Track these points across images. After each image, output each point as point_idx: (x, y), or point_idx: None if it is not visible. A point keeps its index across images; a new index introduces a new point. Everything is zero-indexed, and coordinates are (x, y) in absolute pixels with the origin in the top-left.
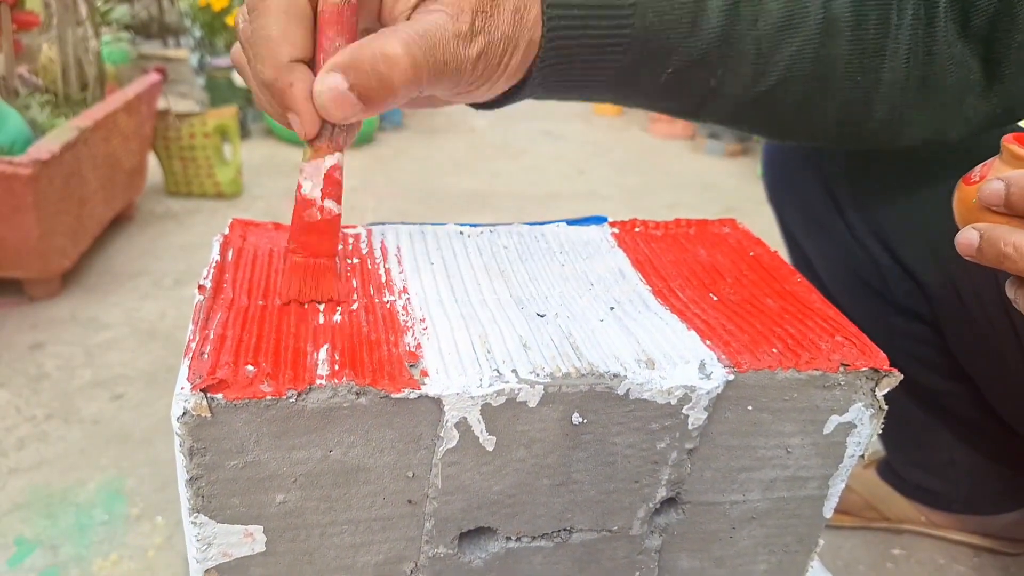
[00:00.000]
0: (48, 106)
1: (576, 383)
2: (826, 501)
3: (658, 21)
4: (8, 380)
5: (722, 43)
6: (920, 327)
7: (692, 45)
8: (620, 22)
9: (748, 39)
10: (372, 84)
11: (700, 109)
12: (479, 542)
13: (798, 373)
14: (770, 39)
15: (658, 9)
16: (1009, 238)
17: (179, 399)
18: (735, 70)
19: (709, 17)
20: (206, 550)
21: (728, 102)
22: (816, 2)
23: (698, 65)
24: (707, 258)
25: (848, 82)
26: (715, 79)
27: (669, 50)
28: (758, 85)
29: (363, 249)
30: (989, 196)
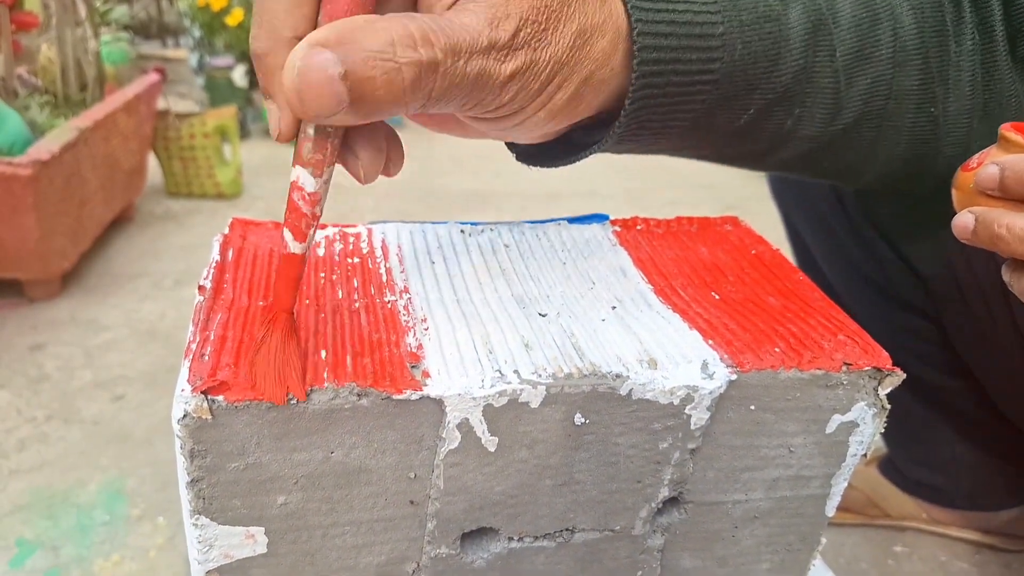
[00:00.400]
0: (47, 107)
1: (578, 383)
2: (828, 500)
3: (747, 54)
4: (8, 381)
5: (803, 78)
6: (922, 323)
7: (776, 80)
8: (709, 55)
9: (827, 72)
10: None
11: (768, 155)
12: (481, 542)
13: (801, 372)
14: (847, 72)
15: (746, 40)
16: (1003, 220)
17: (180, 401)
18: (812, 108)
19: (792, 48)
20: (207, 551)
21: (801, 144)
22: (887, 30)
23: (778, 103)
24: (709, 256)
25: (920, 115)
26: (792, 119)
27: (752, 87)
28: (835, 124)
29: (363, 248)
30: (984, 180)
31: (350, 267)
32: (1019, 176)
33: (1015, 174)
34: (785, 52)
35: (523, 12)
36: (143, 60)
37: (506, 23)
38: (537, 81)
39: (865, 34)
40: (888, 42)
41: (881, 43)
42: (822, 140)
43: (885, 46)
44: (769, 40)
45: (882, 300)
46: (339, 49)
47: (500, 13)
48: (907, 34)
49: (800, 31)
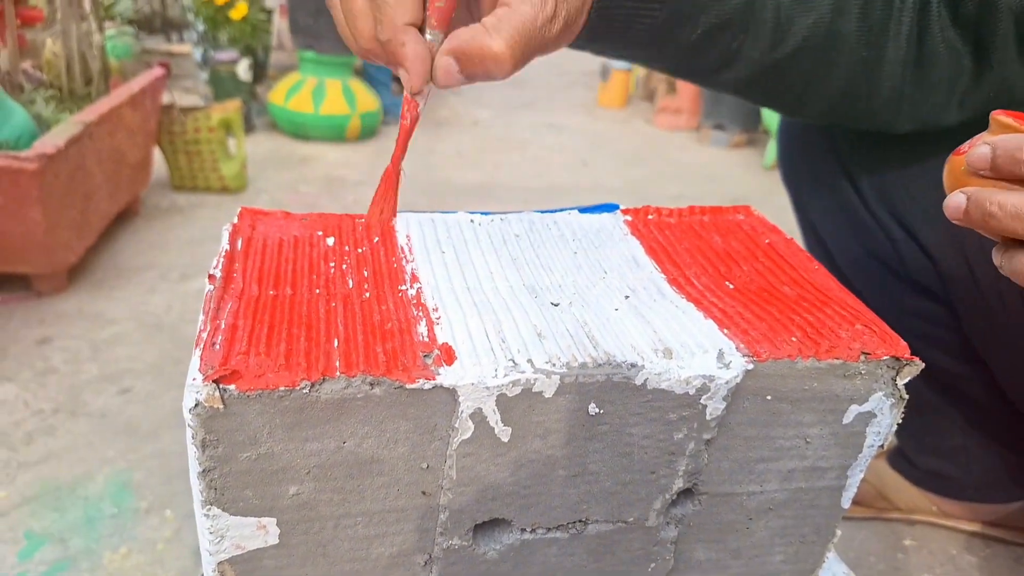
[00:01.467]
0: (53, 101)
1: (593, 373)
2: (844, 492)
3: None
4: (16, 374)
5: (746, 9)
6: (934, 307)
7: (720, 8)
8: None
9: (768, 8)
10: (478, 72)
11: (721, 71)
12: (494, 534)
13: (818, 362)
14: (788, 10)
15: None
16: (994, 197)
17: (191, 390)
18: (755, 36)
19: None
20: (219, 542)
21: (747, 66)
22: None
23: (724, 27)
24: (722, 245)
25: (854, 56)
26: (737, 42)
27: (700, 10)
28: (774, 52)
29: (375, 238)
30: (976, 160)
31: (360, 257)
32: (1010, 154)
33: (1006, 152)
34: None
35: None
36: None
37: (548, 3)
38: (572, 23)
39: None
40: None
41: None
42: (764, 64)
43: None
44: None
45: (893, 281)
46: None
47: None
48: None
49: None
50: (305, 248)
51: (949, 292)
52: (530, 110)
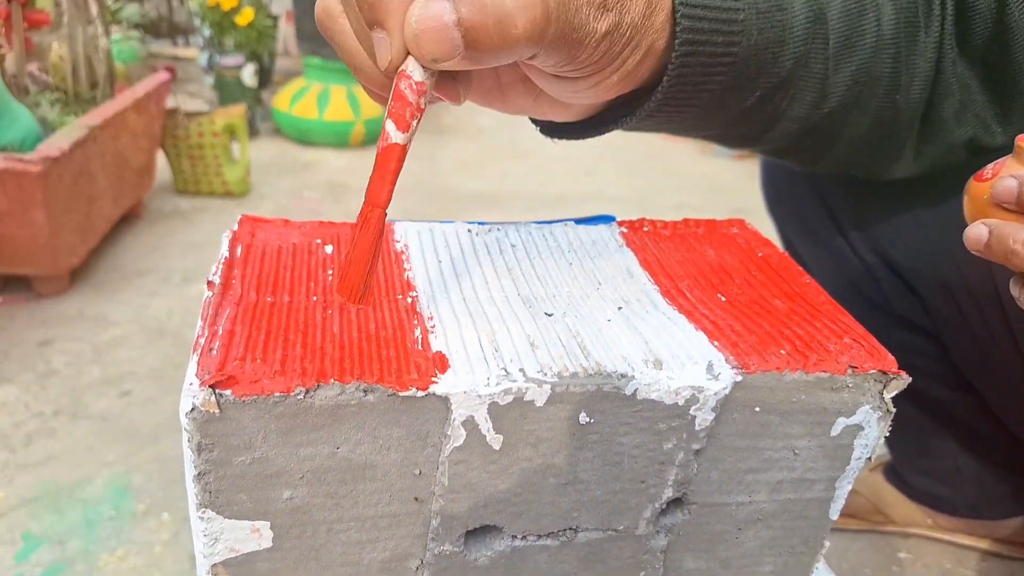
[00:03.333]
0: (58, 104)
1: (583, 383)
2: (832, 503)
3: (761, 40)
4: (17, 376)
5: (801, 64)
6: (921, 339)
7: (781, 66)
8: (732, 39)
9: (820, 59)
10: (488, 25)
11: (764, 134)
12: (485, 540)
13: (806, 375)
14: (835, 59)
15: (760, 27)
16: (1019, 235)
17: (188, 395)
18: (803, 91)
19: (795, 36)
20: (213, 545)
21: (789, 126)
22: (871, 20)
23: (780, 87)
24: (715, 258)
25: (886, 101)
26: (786, 101)
27: (761, 71)
28: (821, 107)
29: None
30: (1001, 193)
31: None
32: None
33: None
34: (790, 40)
35: None
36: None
37: None
38: (620, 42)
39: (853, 24)
40: (872, 31)
41: (866, 32)
42: (809, 123)
43: (869, 35)
44: (779, 28)
45: (879, 317)
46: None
47: None
48: (886, 23)
49: (802, 20)
50: (304, 256)
51: (936, 325)
52: None
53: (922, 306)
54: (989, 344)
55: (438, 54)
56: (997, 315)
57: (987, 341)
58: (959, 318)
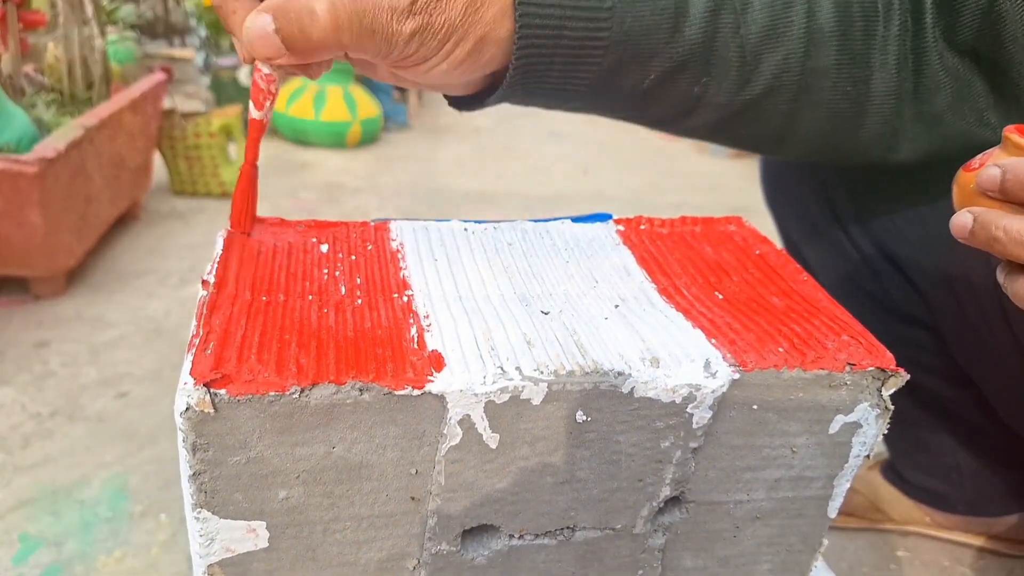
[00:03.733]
0: (54, 105)
1: (580, 381)
2: (831, 501)
3: (638, 25)
4: (13, 378)
5: (704, 49)
6: (921, 333)
7: (673, 50)
8: (598, 25)
9: (731, 46)
10: (294, 32)
11: (685, 118)
12: (482, 539)
13: (804, 372)
14: (753, 48)
15: (637, 14)
16: (1000, 222)
17: (182, 394)
18: (719, 78)
19: (691, 23)
20: (209, 545)
21: (713, 111)
22: (799, 12)
23: (680, 71)
24: (713, 256)
25: (836, 93)
26: (699, 87)
27: (650, 55)
28: (743, 94)
29: (367, 245)
30: (985, 181)
31: (353, 264)
32: (1020, 179)
33: (1016, 177)
34: (684, 26)
35: None
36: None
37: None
38: (435, 38)
39: (777, 14)
40: (801, 23)
41: (793, 24)
42: (732, 108)
43: (797, 26)
44: (664, 15)
45: (879, 311)
46: (274, 12)
47: None
48: (824, 17)
49: (700, 8)
50: (299, 255)
51: (936, 319)
52: (531, 118)
53: (921, 300)
54: (987, 338)
55: (269, 54)
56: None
57: (985, 335)
58: (958, 312)
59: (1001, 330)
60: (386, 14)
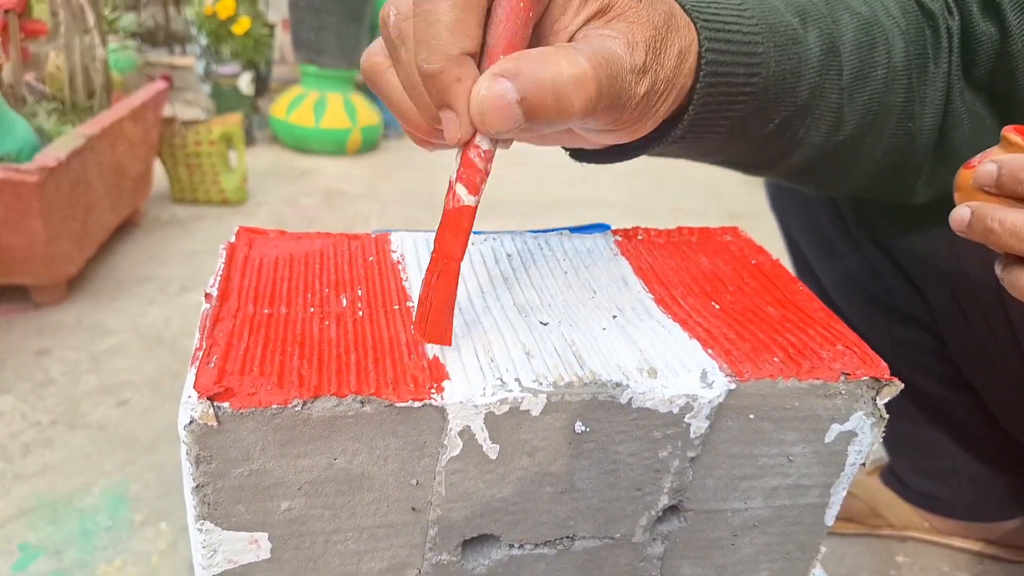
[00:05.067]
0: (55, 113)
1: (579, 392)
2: (828, 509)
3: (778, 71)
4: (14, 386)
5: (817, 93)
6: (922, 335)
7: (798, 95)
8: (752, 71)
9: (835, 89)
10: (547, 102)
11: (780, 161)
12: (482, 549)
13: (799, 382)
14: (849, 89)
15: (778, 59)
16: (995, 214)
17: (186, 407)
18: (820, 120)
19: (810, 67)
20: (211, 557)
21: (807, 152)
22: (882, 52)
23: (797, 115)
24: (709, 266)
25: (899, 129)
26: (804, 129)
27: (779, 100)
28: (837, 135)
29: (368, 257)
30: (982, 176)
31: (354, 276)
32: (1014, 174)
33: (1011, 172)
34: (805, 71)
35: (647, 39)
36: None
37: (639, 50)
38: (656, 97)
39: (865, 56)
40: (883, 63)
41: (877, 64)
42: (825, 149)
43: (880, 67)
44: (795, 60)
45: (881, 312)
46: (517, 80)
47: (632, 40)
48: (897, 56)
49: (817, 52)
50: (300, 267)
51: (937, 321)
52: None
53: (922, 300)
54: (988, 340)
55: (502, 128)
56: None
57: (986, 337)
58: (959, 314)
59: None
60: (629, 75)
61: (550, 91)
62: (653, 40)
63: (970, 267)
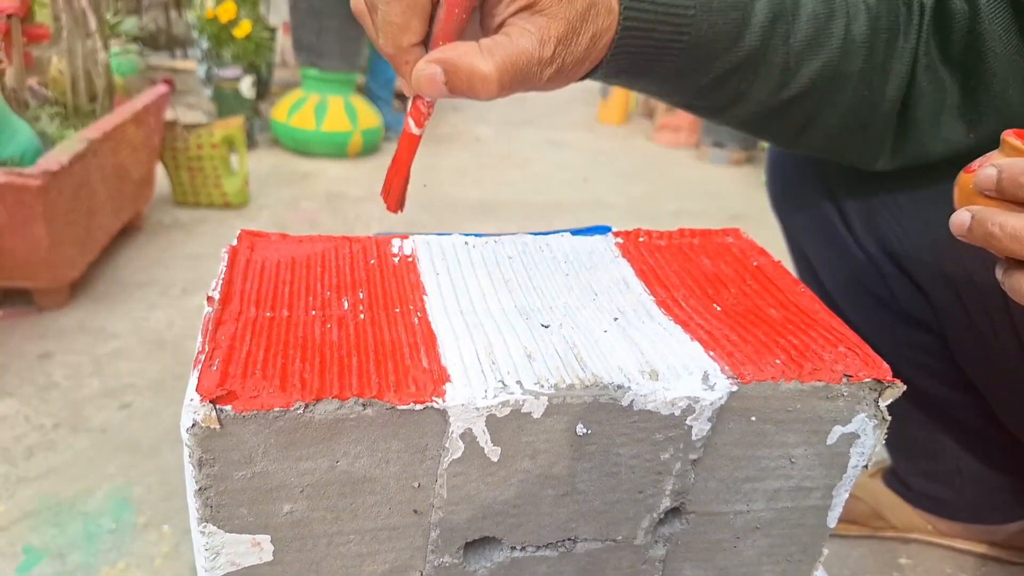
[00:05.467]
0: (58, 118)
1: (580, 394)
2: (830, 511)
3: (711, 33)
4: (17, 389)
5: (758, 56)
6: (925, 336)
7: (734, 55)
8: (680, 30)
9: (779, 53)
10: (461, 87)
11: (728, 109)
12: (484, 552)
13: (801, 384)
14: (797, 55)
15: (712, 22)
16: (996, 218)
17: (189, 411)
18: (764, 78)
19: (752, 32)
20: (214, 559)
21: (752, 106)
22: (840, 24)
23: (735, 72)
24: (711, 268)
25: (856, 96)
26: (746, 84)
27: (714, 57)
28: (781, 94)
29: (370, 260)
30: (982, 180)
31: (356, 279)
32: (1014, 178)
33: (1011, 176)
34: (746, 34)
35: (559, 34)
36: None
37: (548, 46)
38: (566, 72)
39: (821, 26)
40: (840, 34)
41: (833, 35)
42: (771, 104)
43: (836, 37)
44: (731, 24)
45: (885, 313)
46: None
47: (544, 36)
48: (858, 28)
49: (760, 19)
50: (302, 271)
51: (940, 323)
52: (531, 127)
53: (926, 301)
54: (992, 341)
55: (433, 95)
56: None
57: (990, 338)
58: (962, 315)
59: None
60: (535, 66)
61: (465, 78)
62: (565, 34)
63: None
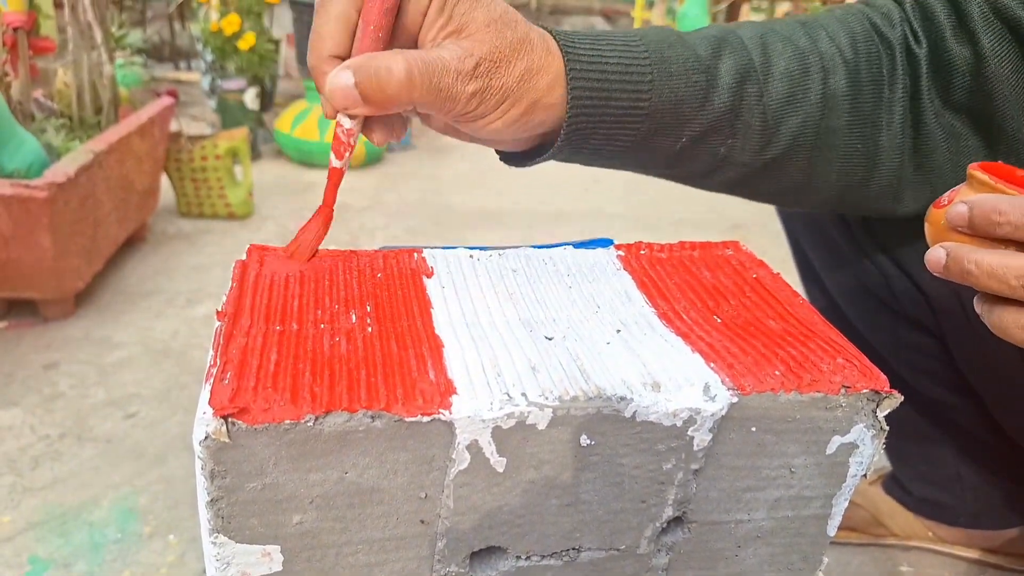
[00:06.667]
0: (63, 130)
1: (584, 406)
2: (830, 520)
3: (673, 97)
4: (22, 399)
5: (731, 116)
6: (927, 340)
7: (703, 118)
8: (639, 96)
9: (755, 112)
10: (372, 86)
11: (712, 174)
12: (490, 561)
13: (800, 395)
14: (775, 113)
15: (673, 87)
16: (972, 256)
17: (201, 423)
18: (743, 140)
19: (719, 93)
20: (225, 569)
21: (737, 169)
22: (816, 80)
23: (708, 135)
24: (711, 280)
25: (848, 150)
26: (725, 147)
27: (682, 121)
28: (765, 153)
29: (377, 274)
30: (954, 218)
31: (363, 292)
32: (986, 216)
33: (982, 213)
34: (713, 96)
35: (482, 54)
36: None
37: (469, 60)
38: (492, 99)
39: (796, 83)
40: (817, 89)
41: (810, 90)
42: (755, 166)
43: (814, 92)
44: (696, 87)
45: (888, 317)
46: (354, 68)
47: (466, 53)
48: (837, 83)
49: (728, 80)
50: (310, 284)
51: (941, 325)
52: None
53: (929, 306)
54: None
55: (346, 105)
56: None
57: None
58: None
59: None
60: (452, 75)
61: (373, 78)
62: (489, 55)
63: None
